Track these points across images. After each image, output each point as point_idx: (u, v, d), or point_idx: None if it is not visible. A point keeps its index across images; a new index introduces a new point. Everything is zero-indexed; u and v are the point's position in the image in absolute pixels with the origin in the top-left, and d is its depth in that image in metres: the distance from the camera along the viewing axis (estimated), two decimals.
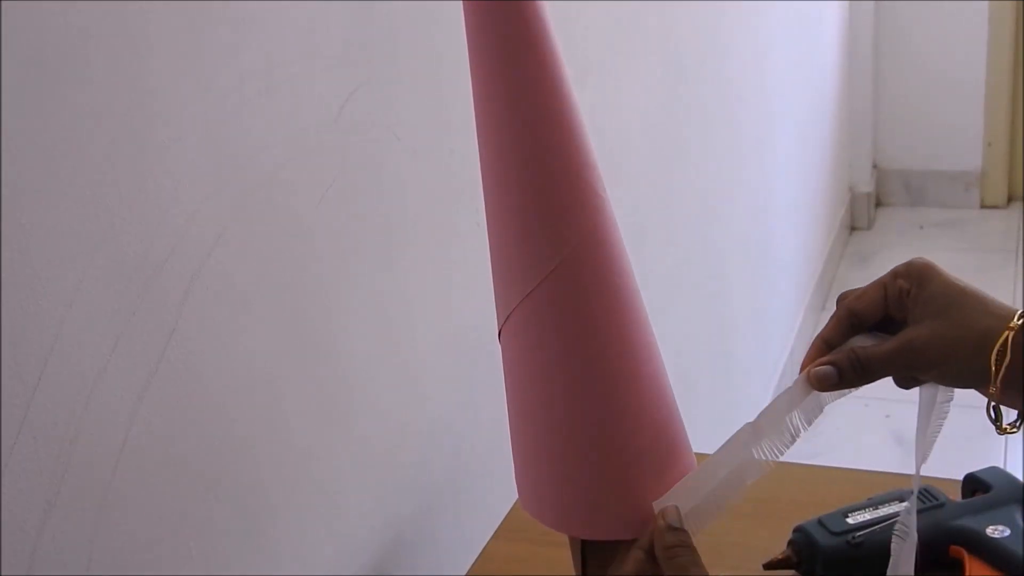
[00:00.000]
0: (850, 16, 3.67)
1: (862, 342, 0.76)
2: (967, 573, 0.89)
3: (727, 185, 2.26)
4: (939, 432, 0.76)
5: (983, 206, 3.94)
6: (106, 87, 0.67)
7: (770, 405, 0.75)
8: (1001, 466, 0.98)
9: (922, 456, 0.77)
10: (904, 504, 0.94)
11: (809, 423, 0.75)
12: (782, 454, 0.74)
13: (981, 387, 0.72)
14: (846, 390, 0.76)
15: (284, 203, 0.85)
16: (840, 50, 3.56)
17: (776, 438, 0.74)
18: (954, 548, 0.91)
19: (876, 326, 0.77)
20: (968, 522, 0.91)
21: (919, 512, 0.92)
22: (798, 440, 0.74)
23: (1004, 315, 0.72)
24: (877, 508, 0.94)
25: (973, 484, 0.97)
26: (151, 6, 0.70)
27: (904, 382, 0.77)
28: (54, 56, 0.64)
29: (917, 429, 0.77)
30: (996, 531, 0.90)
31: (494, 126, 0.71)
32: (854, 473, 1.09)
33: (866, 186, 3.89)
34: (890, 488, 0.96)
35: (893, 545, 0.78)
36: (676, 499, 0.73)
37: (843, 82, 3.63)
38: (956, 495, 0.97)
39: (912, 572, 0.77)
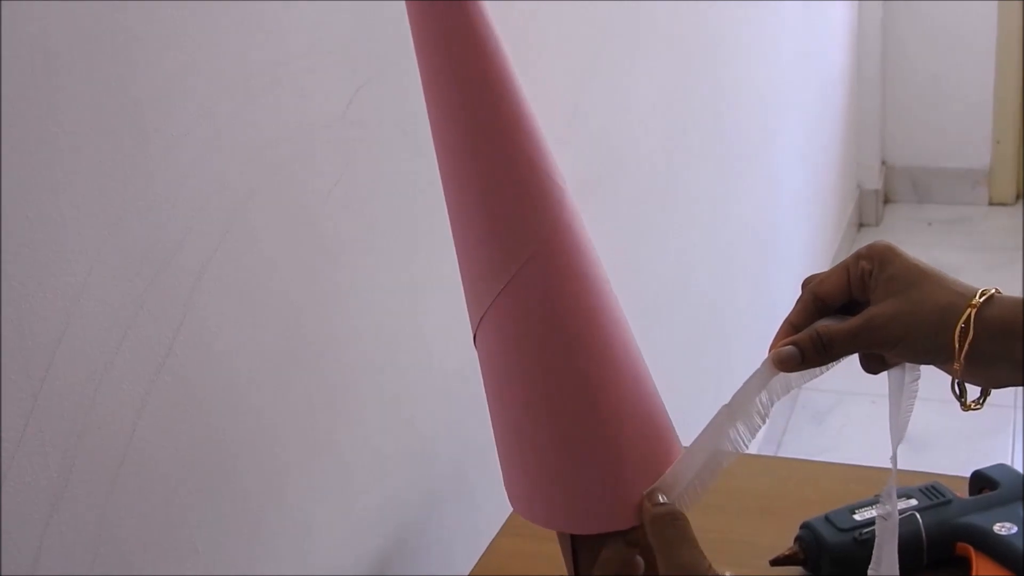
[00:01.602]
0: (858, 13, 3.66)
1: (827, 324, 0.76)
2: (974, 570, 0.89)
3: (734, 182, 2.26)
4: (910, 413, 0.76)
5: (991, 203, 3.93)
6: (114, 82, 0.68)
7: (741, 388, 0.75)
8: (1009, 463, 0.98)
9: (897, 439, 0.77)
10: (912, 501, 0.93)
11: (772, 404, 0.75)
12: (752, 437, 0.74)
13: (944, 363, 0.73)
14: (813, 370, 0.76)
15: (291, 198, 0.85)
16: (848, 47, 3.55)
17: (747, 421, 0.74)
18: (961, 545, 0.91)
19: (841, 309, 0.77)
20: (975, 519, 0.91)
21: (926, 509, 0.93)
22: (767, 422, 0.75)
23: (965, 293, 0.73)
24: (884, 505, 0.93)
25: (980, 481, 0.96)
26: (156, 4, 0.70)
27: (870, 366, 0.78)
28: (61, 51, 0.64)
29: (890, 415, 0.77)
30: (1003, 528, 0.90)
31: (444, 130, 0.72)
32: (861, 470, 1.09)
33: (874, 183, 3.89)
34: (897, 485, 0.96)
35: (876, 529, 0.78)
36: (663, 488, 0.73)
37: (851, 79, 3.62)
38: (963, 492, 0.97)
39: (896, 569, 0.77)
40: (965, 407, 0.75)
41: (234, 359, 0.80)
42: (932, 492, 0.94)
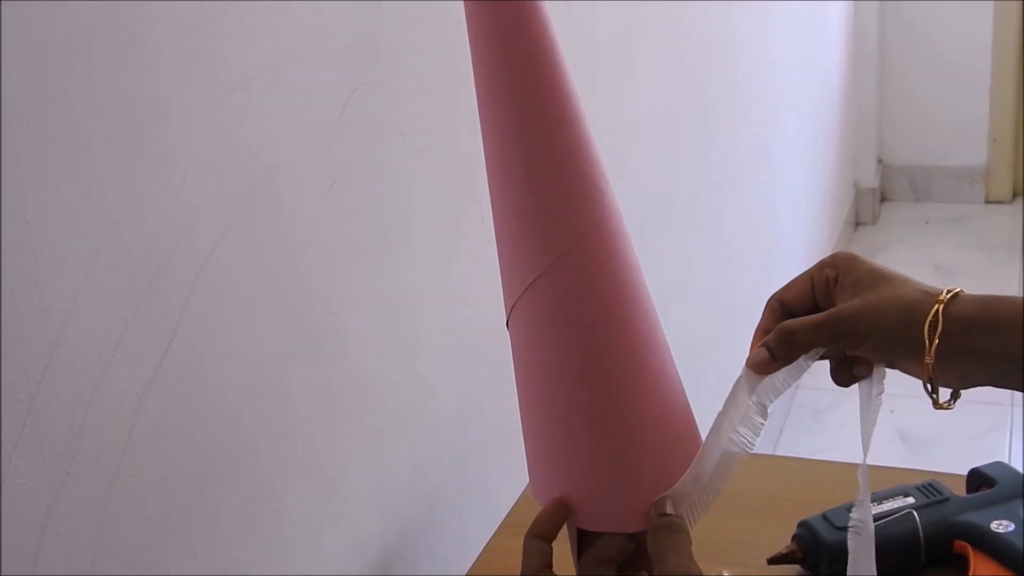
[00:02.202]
0: (856, 13, 3.66)
1: (790, 320, 0.77)
2: (972, 568, 0.89)
3: (732, 181, 2.26)
4: (875, 424, 0.76)
5: (988, 202, 3.93)
6: (111, 83, 0.68)
7: (729, 395, 0.76)
8: (1006, 461, 0.98)
9: (865, 448, 0.77)
10: (909, 499, 0.94)
11: (765, 405, 0.76)
12: (756, 436, 0.75)
13: (913, 360, 0.73)
14: (792, 372, 0.76)
15: (289, 199, 0.85)
16: (846, 47, 3.56)
17: (746, 422, 0.74)
18: (959, 543, 0.91)
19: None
20: (973, 517, 0.91)
21: (923, 507, 0.93)
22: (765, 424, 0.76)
23: (931, 291, 0.74)
24: (881, 503, 0.94)
25: (978, 479, 0.96)
26: (156, 4, 0.70)
27: (840, 376, 0.78)
28: (58, 52, 0.64)
29: (861, 427, 0.77)
30: (1001, 526, 0.90)
31: (496, 122, 0.72)
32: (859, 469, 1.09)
33: (871, 182, 3.89)
34: (894, 483, 0.96)
35: (850, 542, 0.77)
36: (673, 496, 0.73)
37: (849, 78, 3.62)
38: (961, 490, 0.97)
39: (873, 570, 0.77)
40: (937, 405, 0.75)
41: (231, 360, 0.80)
42: (929, 490, 0.95)
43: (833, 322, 0.75)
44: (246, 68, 0.79)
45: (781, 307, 0.79)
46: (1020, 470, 0.96)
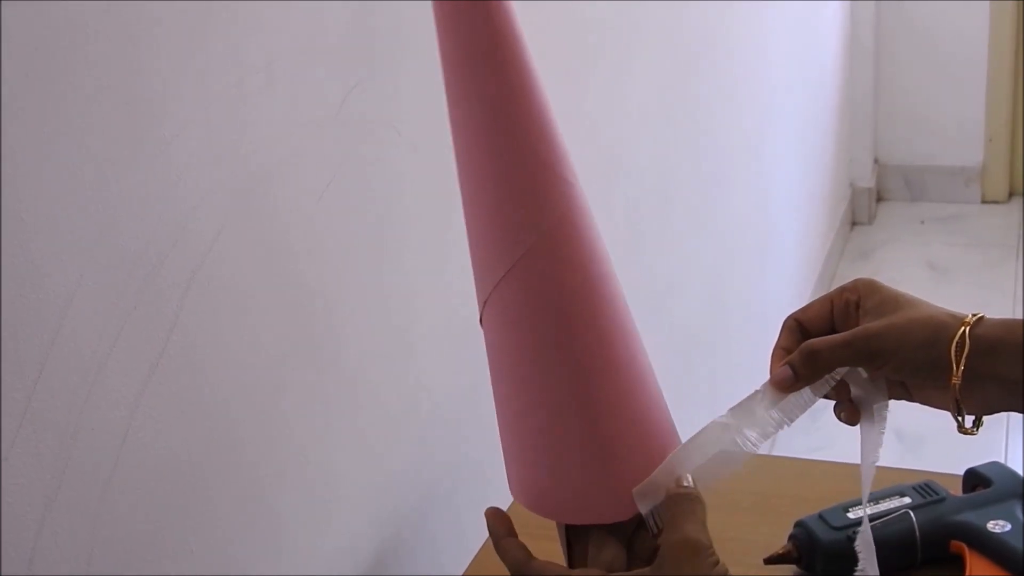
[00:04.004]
0: (851, 12, 3.67)
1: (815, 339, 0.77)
2: (968, 568, 0.89)
3: (727, 181, 2.26)
4: (876, 462, 0.77)
5: (984, 201, 3.93)
6: (107, 83, 0.67)
7: (740, 404, 0.76)
8: (1002, 461, 0.98)
9: (868, 483, 0.78)
10: (906, 499, 0.94)
11: (787, 421, 0.76)
12: (764, 441, 0.75)
13: (937, 380, 0.73)
14: (819, 387, 0.76)
15: (285, 198, 0.85)
16: (841, 46, 3.56)
17: (758, 428, 0.75)
18: (955, 543, 0.91)
19: None
20: (969, 517, 0.91)
21: (919, 507, 0.93)
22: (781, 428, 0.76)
23: (956, 314, 0.74)
24: (878, 503, 0.94)
25: (974, 479, 0.97)
26: (152, 4, 0.70)
27: (846, 414, 0.79)
28: (54, 52, 0.64)
29: (862, 466, 0.78)
30: (997, 526, 0.90)
31: (462, 119, 0.73)
32: (855, 468, 1.08)
33: (867, 181, 3.89)
34: (890, 483, 0.96)
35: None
36: (653, 484, 0.73)
37: (844, 78, 3.63)
38: (957, 490, 0.97)
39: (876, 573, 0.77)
40: (961, 429, 0.75)
41: (227, 360, 0.80)
42: (926, 490, 0.95)
43: (859, 341, 0.74)
44: (242, 67, 0.79)
45: (798, 327, 0.79)
46: (1016, 470, 0.96)
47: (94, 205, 0.67)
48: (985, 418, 0.75)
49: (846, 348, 0.75)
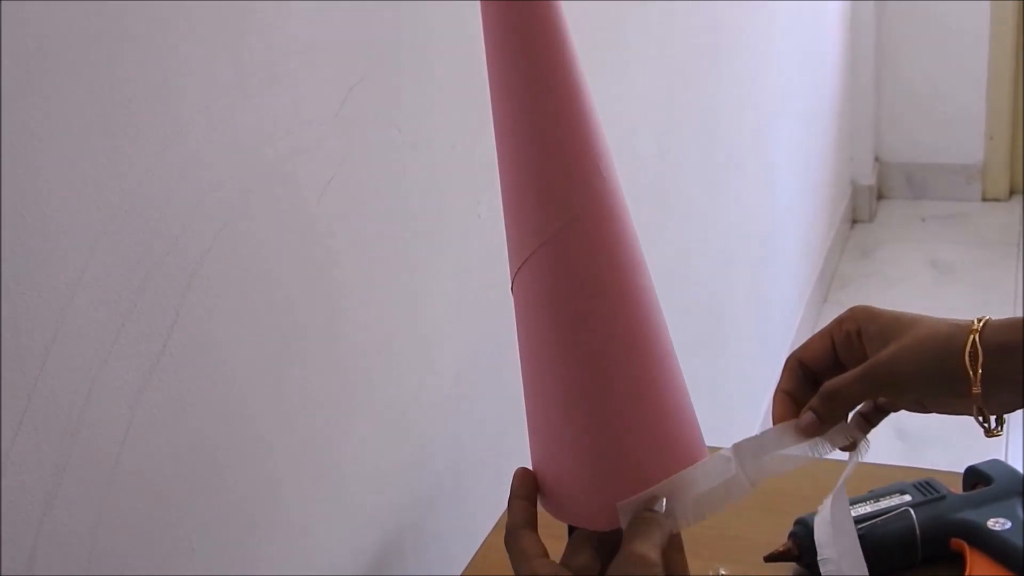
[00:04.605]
0: (853, 11, 3.66)
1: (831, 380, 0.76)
2: (968, 566, 0.89)
3: (729, 179, 2.26)
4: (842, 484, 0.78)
5: (984, 199, 3.93)
6: (109, 80, 0.67)
7: (756, 438, 0.75)
8: (1002, 459, 0.98)
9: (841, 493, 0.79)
10: (906, 497, 0.94)
11: (795, 466, 0.76)
12: (759, 484, 0.74)
13: (956, 396, 0.73)
14: (837, 439, 0.76)
15: (286, 196, 0.85)
16: (842, 44, 3.55)
17: (760, 471, 0.74)
18: (955, 541, 0.91)
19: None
20: (969, 515, 0.91)
21: (920, 505, 0.93)
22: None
23: (960, 323, 0.74)
24: (878, 501, 0.94)
25: (974, 477, 0.97)
26: (151, 4, 0.70)
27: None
28: (55, 49, 0.64)
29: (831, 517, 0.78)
30: (997, 524, 0.90)
31: (512, 93, 0.71)
32: (856, 466, 1.09)
33: (868, 179, 3.89)
34: (891, 481, 0.96)
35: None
36: (641, 503, 0.71)
37: (845, 76, 3.63)
38: (958, 488, 0.97)
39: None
40: (989, 433, 0.75)
41: (228, 358, 0.80)
42: (926, 488, 0.95)
43: (873, 372, 0.74)
44: (244, 64, 0.79)
45: (800, 367, 0.78)
46: (1016, 468, 0.96)
47: (95, 202, 0.67)
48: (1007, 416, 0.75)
49: (863, 382, 0.74)
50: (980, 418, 0.74)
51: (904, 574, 0.91)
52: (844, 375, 0.75)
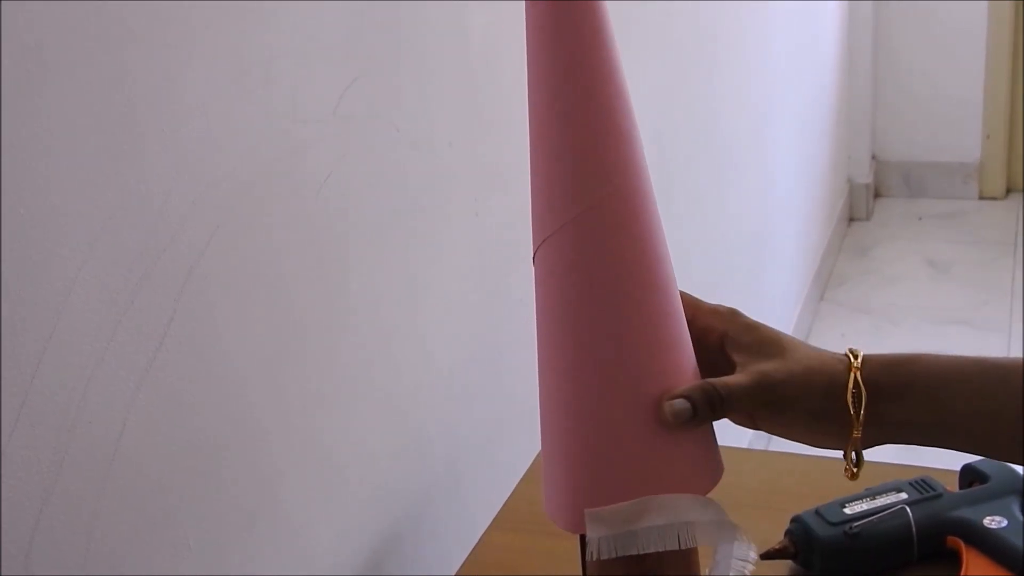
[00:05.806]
0: (850, 9, 3.67)
1: (721, 379, 0.73)
2: (964, 564, 0.89)
3: (726, 177, 2.26)
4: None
5: (981, 197, 3.94)
6: (107, 77, 0.67)
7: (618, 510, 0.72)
8: None
9: None
10: (902, 495, 0.94)
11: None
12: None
13: (839, 433, 0.72)
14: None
15: (283, 194, 0.85)
16: (839, 43, 3.56)
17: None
18: (951, 539, 0.91)
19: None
20: (966, 513, 0.92)
21: (916, 503, 0.93)
22: None
23: (839, 357, 0.72)
24: (874, 499, 0.94)
25: (971, 475, 0.97)
26: (149, 3, 0.70)
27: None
28: (54, 47, 0.64)
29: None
30: (994, 522, 0.90)
31: (550, 73, 0.71)
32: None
33: (865, 177, 3.89)
34: (887, 479, 0.96)
35: None
36: (614, 514, 0.70)
37: (842, 74, 3.63)
38: (954, 486, 0.97)
39: None
40: (853, 476, 0.74)
41: (225, 354, 0.80)
42: (922, 486, 0.95)
43: (764, 387, 0.71)
44: (241, 61, 0.79)
45: (693, 310, 0.76)
46: (1013, 466, 0.96)
47: (93, 200, 0.67)
48: None
49: (749, 392, 0.71)
50: (853, 464, 0.73)
51: (900, 572, 0.91)
52: (734, 383, 0.72)
